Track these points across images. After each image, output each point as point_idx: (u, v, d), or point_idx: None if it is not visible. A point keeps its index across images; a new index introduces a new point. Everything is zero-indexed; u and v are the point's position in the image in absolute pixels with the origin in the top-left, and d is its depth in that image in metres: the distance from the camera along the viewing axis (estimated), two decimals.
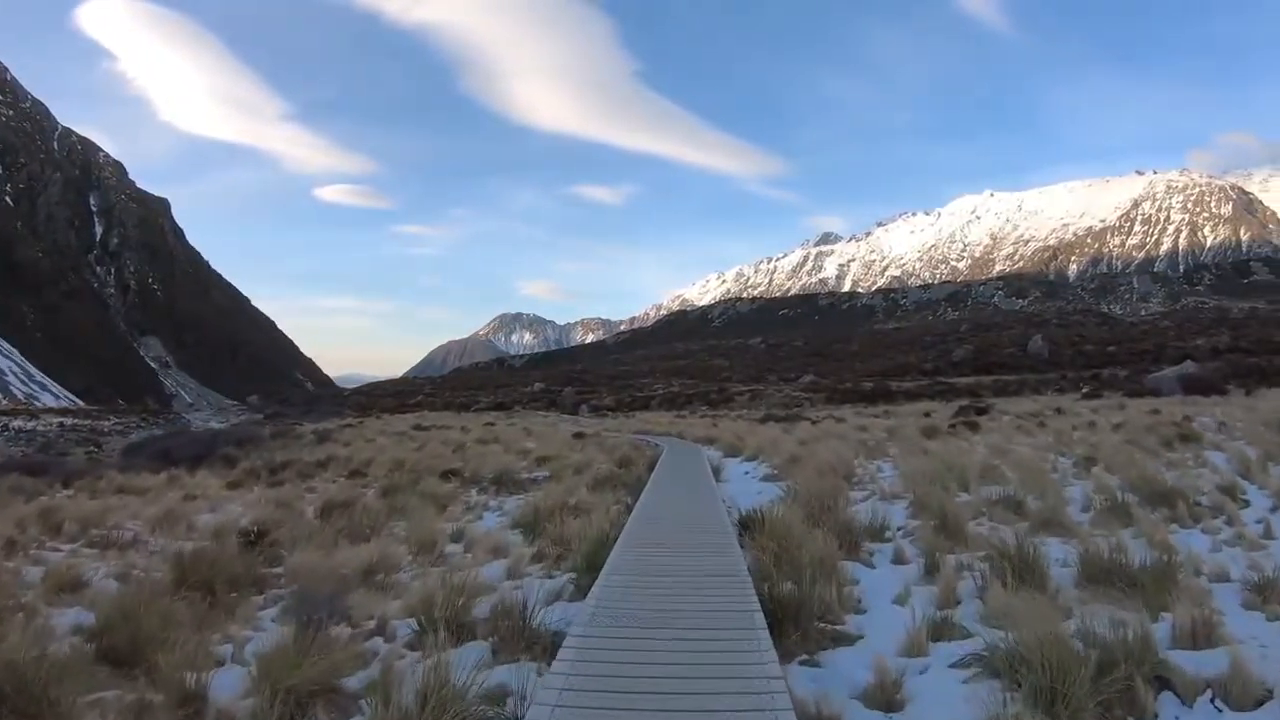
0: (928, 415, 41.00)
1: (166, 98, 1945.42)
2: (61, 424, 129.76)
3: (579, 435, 32.21)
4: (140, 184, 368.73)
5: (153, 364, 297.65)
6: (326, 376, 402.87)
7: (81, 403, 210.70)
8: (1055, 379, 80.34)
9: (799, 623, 6.12)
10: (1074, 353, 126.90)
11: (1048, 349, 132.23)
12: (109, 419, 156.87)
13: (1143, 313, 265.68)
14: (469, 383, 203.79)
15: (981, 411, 36.20)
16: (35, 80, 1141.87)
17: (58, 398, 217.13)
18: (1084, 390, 66.91)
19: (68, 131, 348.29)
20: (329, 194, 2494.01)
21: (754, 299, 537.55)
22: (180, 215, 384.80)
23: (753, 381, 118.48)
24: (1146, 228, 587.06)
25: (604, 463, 20.03)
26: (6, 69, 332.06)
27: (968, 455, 17.77)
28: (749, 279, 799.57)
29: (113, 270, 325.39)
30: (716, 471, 17.84)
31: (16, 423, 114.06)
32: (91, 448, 49.86)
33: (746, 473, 18.69)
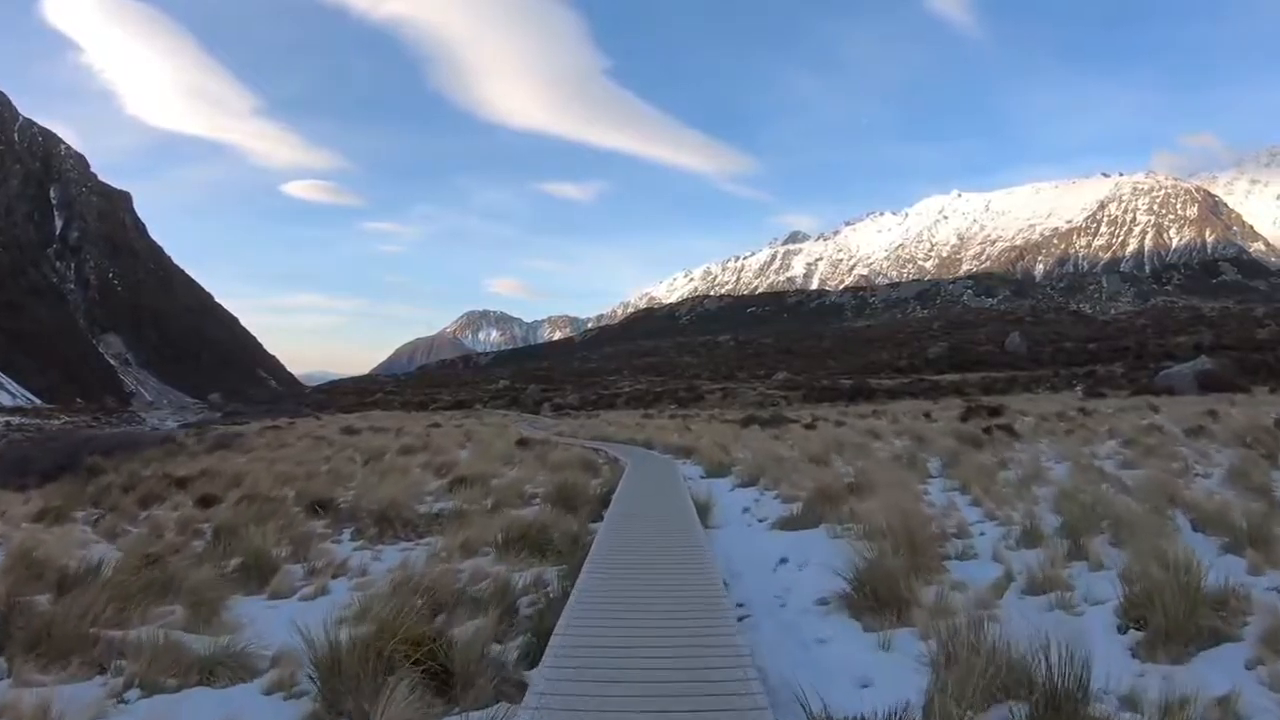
0: (927, 416, 36.27)
1: (134, 91, 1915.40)
2: (8, 424, 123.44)
3: (523, 443, 26.42)
4: (105, 178, 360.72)
5: (113, 362, 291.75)
6: (291, 375, 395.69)
7: (39, 401, 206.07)
8: (1046, 376, 76.24)
9: None
10: (1053, 350, 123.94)
11: (1026, 346, 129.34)
12: (59, 418, 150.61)
13: (1112, 312, 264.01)
14: (433, 381, 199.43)
15: (995, 412, 31.38)
16: None
17: (14, 396, 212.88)
18: (1080, 388, 63.00)
19: (29, 123, 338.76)
20: (297, 190, 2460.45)
21: (722, 297, 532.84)
22: (145, 210, 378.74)
23: (723, 379, 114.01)
24: (1113, 229, 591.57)
25: (540, 487, 14.88)
26: None
27: (1044, 475, 12.84)
28: (717, 277, 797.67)
29: (73, 265, 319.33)
30: (704, 510, 11.85)
31: None
32: None
33: (747, 509, 12.79)
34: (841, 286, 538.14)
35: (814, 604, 6.82)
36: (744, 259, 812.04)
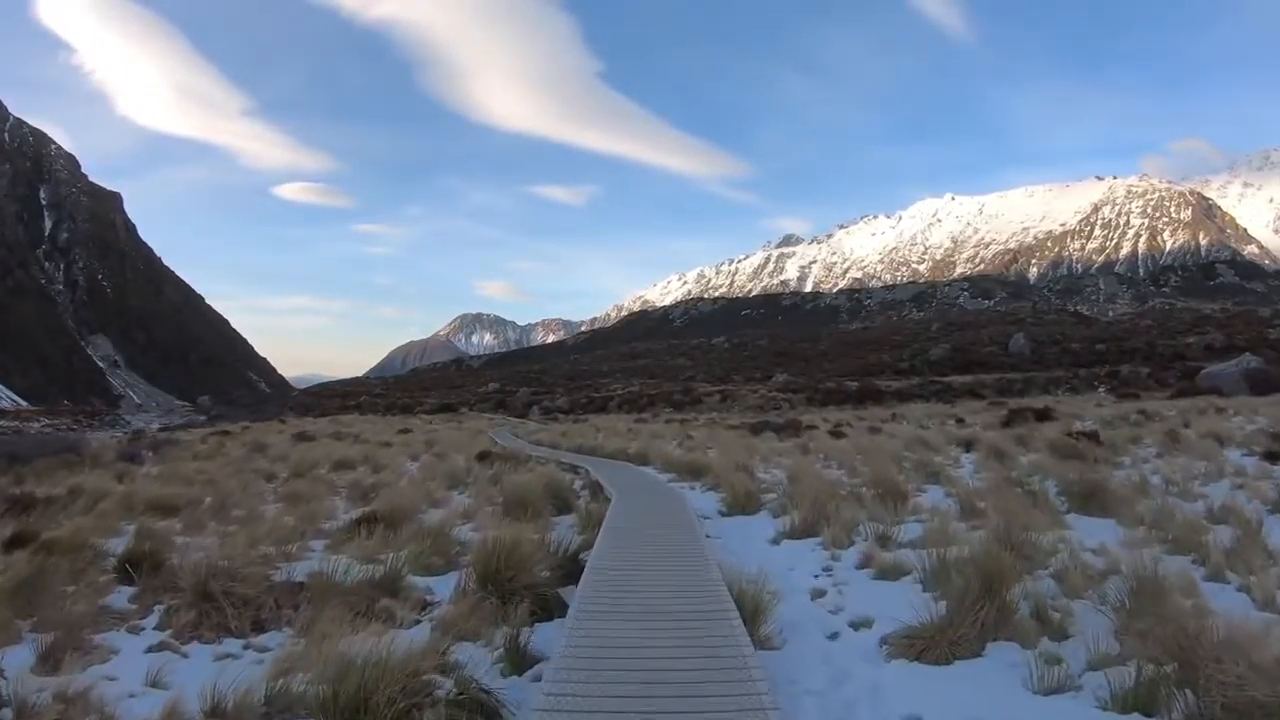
0: (959, 421, 32.19)
1: (126, 92, 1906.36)
2: None
3: (485, 457, 20.90)
4: (95, 179, 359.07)
5: (101, 363, 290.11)
6: (282, 377, 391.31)
7: (25, 403, 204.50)
8: (1065, 377, 72.24)
9: None
10: (1059, 351, 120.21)
11: (1030, 348, 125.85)
12: (39, 421, 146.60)
13: (1110, 313, 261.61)
14: (423, 384, 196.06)
15: (1043, 416, 27.31)
16: None
17: None
18: (1102, 389, 59.32)
19: (20, 123, 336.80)
20: (287, 191, 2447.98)
21: (716, 299, 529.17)
22: (136, 211, 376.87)
23: (719, 381, 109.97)
24: (1106, 232, 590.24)
25: (480, 529, 10.55)
26: None
27: (1234, 508, 8.72)
28: (710, 280, 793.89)
29: (62, 266, 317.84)
30: (747, 601, 6.54)
31: None
32: None
33: (819, 592, 7.70)
34: (835, 289, 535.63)
35: None
36: (737, 262, 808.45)
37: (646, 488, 15.99)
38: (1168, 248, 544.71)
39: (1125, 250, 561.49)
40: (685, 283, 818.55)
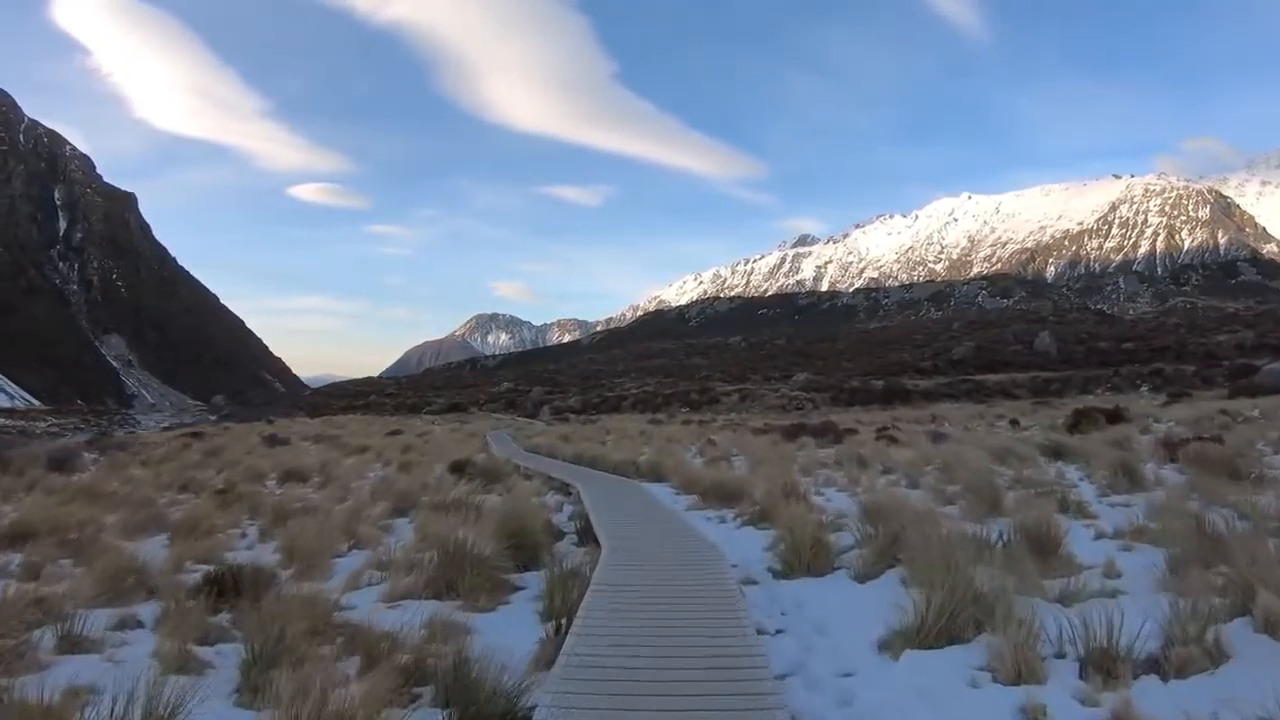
0: (1015, 423, 29.17)
1: (142, 93, 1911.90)
2: None
3: (460, 469, 17.03)
4: (111, 180, 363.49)
5: (115, 363, 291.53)
6: (296, 377, 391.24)
7: (37, 402, 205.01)
8: (1105, 376, 69.09)
9: None
10: (1086, 350, 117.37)
11: (1056, 346, 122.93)
12: (45, 420, 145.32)
13: (1131, 312, 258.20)
14: (435, 383, 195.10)
15: (1114, 418, 24.24)
16: (2, 72, 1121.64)
17: (11, 397, 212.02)
18: (1145, 388, 56.21)
19: (34, 124, 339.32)
20: (302, 192, 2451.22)
21: (732, 299, 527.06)
22: (151, 212, 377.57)
23: (737, 381, 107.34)
24: (1124, 230, 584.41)
25: (388, 599, 7.22)
26: None
27: None
28: (726, 280, 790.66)
29: (76, 266, 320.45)
30: None
31: None
32: None
33: None
34: (852, 289, 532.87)
35: None
36: (753, 261, 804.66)
37: (657, 526, 11.40)
38: (1186, 246, 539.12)
39: (1143, 249, 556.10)
40: (701, 282, 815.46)
